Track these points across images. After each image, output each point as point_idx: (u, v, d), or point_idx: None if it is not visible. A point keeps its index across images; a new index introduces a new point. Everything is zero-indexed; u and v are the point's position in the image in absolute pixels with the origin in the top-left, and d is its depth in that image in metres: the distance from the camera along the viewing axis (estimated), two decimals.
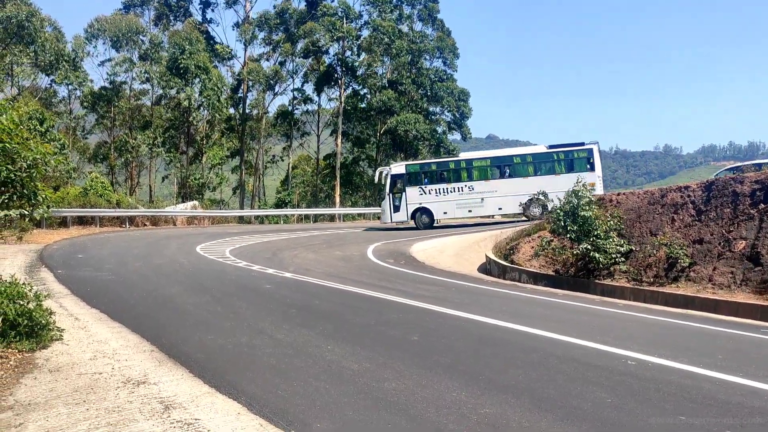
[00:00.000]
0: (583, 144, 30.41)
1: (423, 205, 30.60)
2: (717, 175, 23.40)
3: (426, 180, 30.93)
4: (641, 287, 13.44)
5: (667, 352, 7.42)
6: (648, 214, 15.31)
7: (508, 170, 30.72)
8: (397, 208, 30.58)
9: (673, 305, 12.17)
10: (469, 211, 30.72)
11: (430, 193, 30.66)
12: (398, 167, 31.55)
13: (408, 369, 6.27)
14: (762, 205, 12.84)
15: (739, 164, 25.62)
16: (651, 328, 9.74)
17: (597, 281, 14.42)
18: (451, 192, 30.53)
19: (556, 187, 28.41)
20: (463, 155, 32.59)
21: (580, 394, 5.59)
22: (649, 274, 13.74)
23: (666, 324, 10.19)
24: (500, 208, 30.73)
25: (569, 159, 29.90)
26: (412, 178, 30.97)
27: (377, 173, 33.19)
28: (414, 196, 30.59)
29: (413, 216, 30.68)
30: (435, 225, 31.46)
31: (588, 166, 29.23)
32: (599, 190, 24.90)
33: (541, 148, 31.19)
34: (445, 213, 30.98)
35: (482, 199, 30.17)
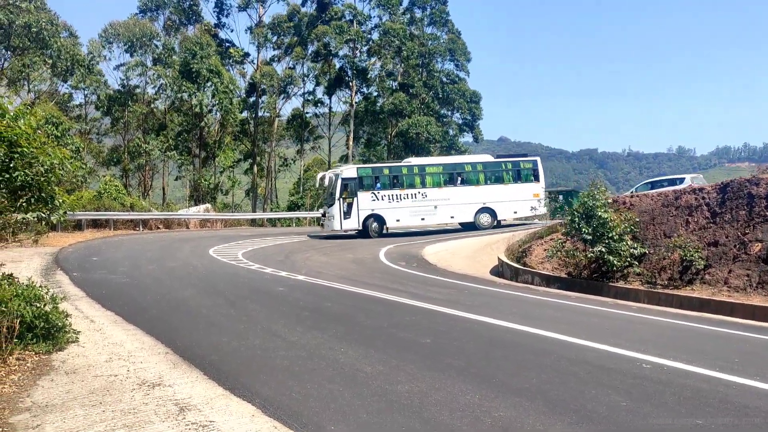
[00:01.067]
0: (527, 155, 32.16)
1: (375, 211, 28.74)
2: (635, 189, 24.37)
3: (379, 185, 29.11)
4: (655, 290, 13.34)
5: (682, 355, 7.36)
6: (662, 216, 15.21)
7: (460, 178, 30.04)
8: (347, 215, 28.43)
9: (688, 308, 12.06)
10: (422, 219, 29.41)
11: (383, 199, 28.87)
12: (350, 171, 29.59)
13: (420, 372, 6.27)
14: None
15: (656, 179, 27.49)
16: (665, 331, 9.67)
17: (610, 284, 14.33)
18: (404, 198, 29.04)
19: (506, 196, 29.53)
20: (416, 161, 31.61)
21: (594, 398, 5.56)
22: (663, 277, 13.64)
23: (681, 327, 10.11)
24: (452, 216, 29.84)
25: (516, 169, 30.59)
26: (365, 182, 29.02)
27: (318, 178, 31.39)
28: (366, 202, 28.67)
29: (365, 223, 28.61)
30: (384, 233, 29.40)
31: (533, 177, 30.37)
32: (542, 199, 24.86)
33: (489, 157, 31.61)
34: (398, 221, 29.28)
35: (435, 206, 29.17)
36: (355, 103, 54.91)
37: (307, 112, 57.58)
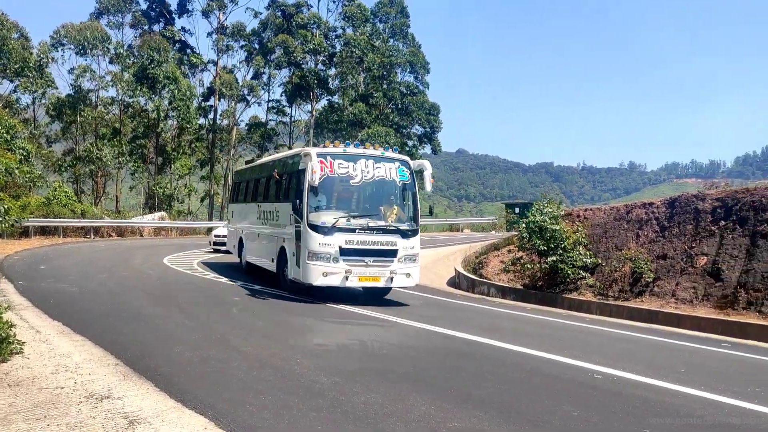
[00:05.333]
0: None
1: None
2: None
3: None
4: (607, 301, 13.66)
5: (631, 365, 7.56)
6: (614, 229, 15.61)
7: None
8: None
9: (638, 319, 12.41)
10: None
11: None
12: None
13: (376, 383, 6.26)
14: (722, 222, 13.20)
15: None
16: (616, 342, 9.91)
17: (564, 295, 14.61)
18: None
19: None
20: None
21: (549, 408, 5.65)
22: (614, 289, 13.98)
23: (631, 338, 10.38)
24: None
25: None
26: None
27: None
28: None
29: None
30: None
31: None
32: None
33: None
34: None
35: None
36: (317, 112, 54.79)
37: (270, 120, 57.21)
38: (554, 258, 14.84)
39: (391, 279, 11.96)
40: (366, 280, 11.89)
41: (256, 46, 54.47)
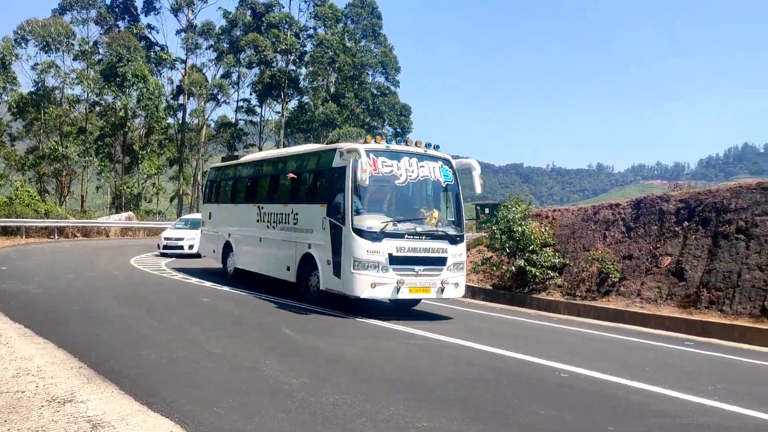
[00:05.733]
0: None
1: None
2: None
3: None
4: (575, 301, 13.86)
5: (598, 364, 7.69)
6: (582, 230, 15.84)
7: None
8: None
9: (605, 318, 12.62)
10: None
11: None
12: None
13: (346, 383, 6.25)
14: (686, 223, 13.49)
15: None
16: (583, 341, 10.07)
17: (533, 296, 14.78)
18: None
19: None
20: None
21: (517, 406, 5.72)
22: (582, 289, 14.19)
23: (597, 337, 10.56)
24: None
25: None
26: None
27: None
28: None
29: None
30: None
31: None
32: None
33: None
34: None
35: None
36: (288, 111, 54.48)
37: (240, 119, 56.67)
38: (522, 260, 15.02)
39: (442, 289, 10.85)
40: (417, 291, 10.76)
41: (226, 45, 53.95)
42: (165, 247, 23.26)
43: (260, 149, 55.84)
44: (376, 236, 10.36)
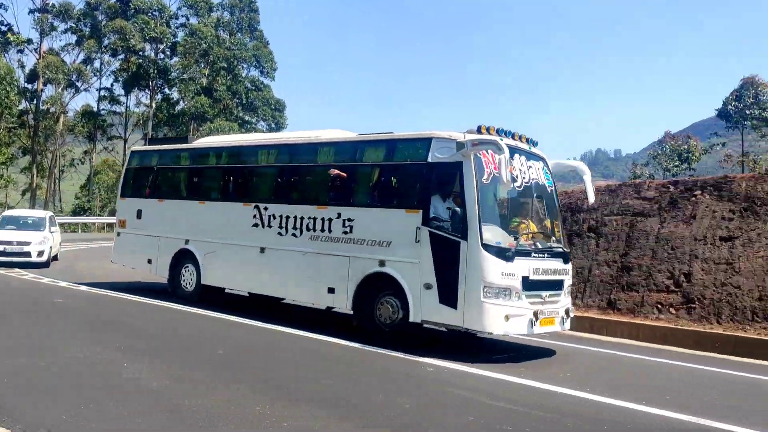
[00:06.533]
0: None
1: None
2: None
3: None
4: None
5: (465, 358, 8.04)
6: None
7: None
8: None
9: None
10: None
11: None
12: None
13: (211, 383, 6.07)
14: None
15: None
16: (450, 335, 10.47)
17: None
18: None
19: None
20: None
21: (383, 402, 5.87)
22: None
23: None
24: None
25: None
26: None
27: None
28: None
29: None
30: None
31: None
32: None
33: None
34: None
35: None
36: (155, 104, 51.83)
37: (102, 110, 53.03)
38: None
39: (563, 319, 8.74)
40: (546, 324, 8.40)
41: (88, 29, 50.38)
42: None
43: (125, 141, 52.77)
44: (510, 255, 8.08)
